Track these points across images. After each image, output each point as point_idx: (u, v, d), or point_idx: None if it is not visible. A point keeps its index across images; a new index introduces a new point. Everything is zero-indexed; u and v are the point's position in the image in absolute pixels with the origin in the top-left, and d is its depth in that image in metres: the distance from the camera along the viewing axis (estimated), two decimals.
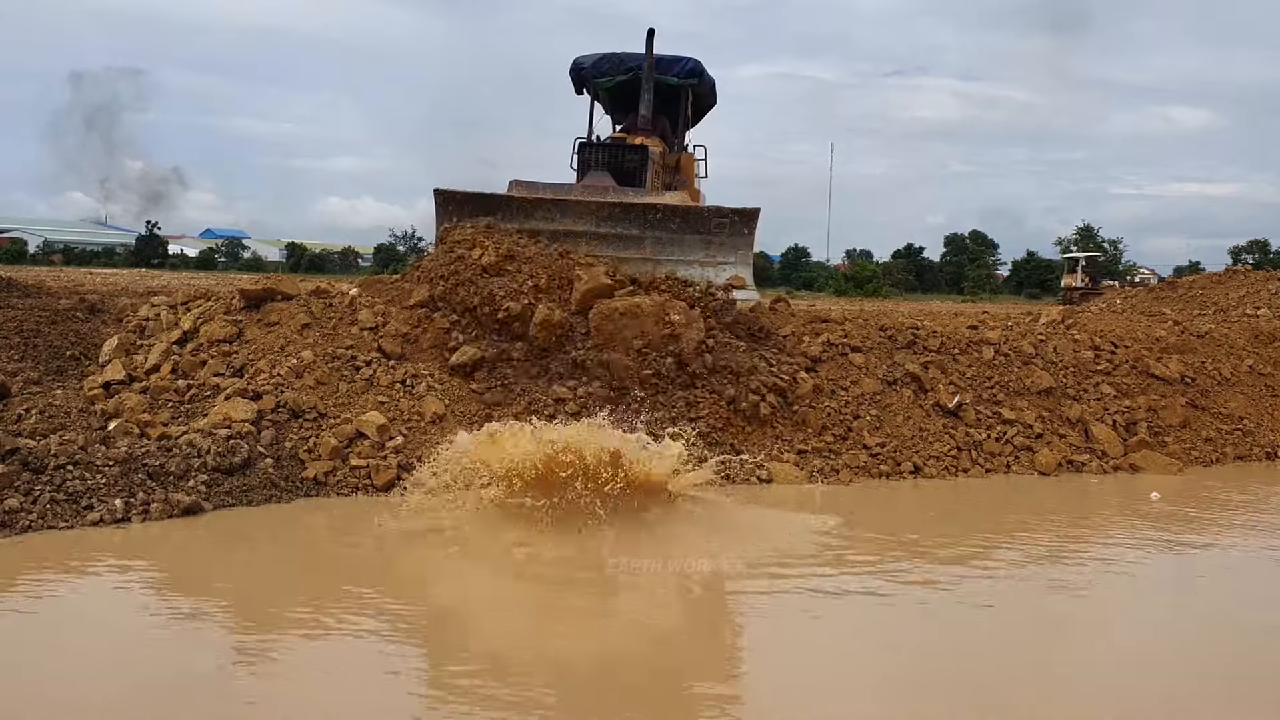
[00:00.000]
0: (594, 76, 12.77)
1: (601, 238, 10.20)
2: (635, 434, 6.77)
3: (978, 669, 4.91)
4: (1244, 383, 11.83)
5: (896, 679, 4.71)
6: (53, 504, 6.57)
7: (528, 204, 10.30)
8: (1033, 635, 5.49)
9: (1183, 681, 4.90)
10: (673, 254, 10.28)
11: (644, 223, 10.35)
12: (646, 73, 11.84)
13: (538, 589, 5.96)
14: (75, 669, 4.49)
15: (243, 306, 9.61)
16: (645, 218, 10.35)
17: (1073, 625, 5.68)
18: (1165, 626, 5.79)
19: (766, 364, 9.24)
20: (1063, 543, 7.42)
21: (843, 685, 4.63)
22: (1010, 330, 11.54)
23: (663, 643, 5.20)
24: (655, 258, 10.12)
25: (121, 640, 4.90)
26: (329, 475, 7.71)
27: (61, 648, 4.72)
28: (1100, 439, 10.16)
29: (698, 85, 13.08)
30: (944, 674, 4.81)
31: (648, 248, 10.29)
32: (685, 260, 10.25)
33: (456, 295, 8.93)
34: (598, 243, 10.11)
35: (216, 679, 4.41)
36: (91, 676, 4.45)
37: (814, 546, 6.74)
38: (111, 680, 4.44)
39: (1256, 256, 64.32)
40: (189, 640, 4.87)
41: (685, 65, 12.55)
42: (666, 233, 10.35)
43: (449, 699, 4.27)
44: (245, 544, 6.59)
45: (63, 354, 10.74)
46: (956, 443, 9.65)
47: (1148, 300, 18.24)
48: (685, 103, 13.06)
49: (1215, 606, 6.12)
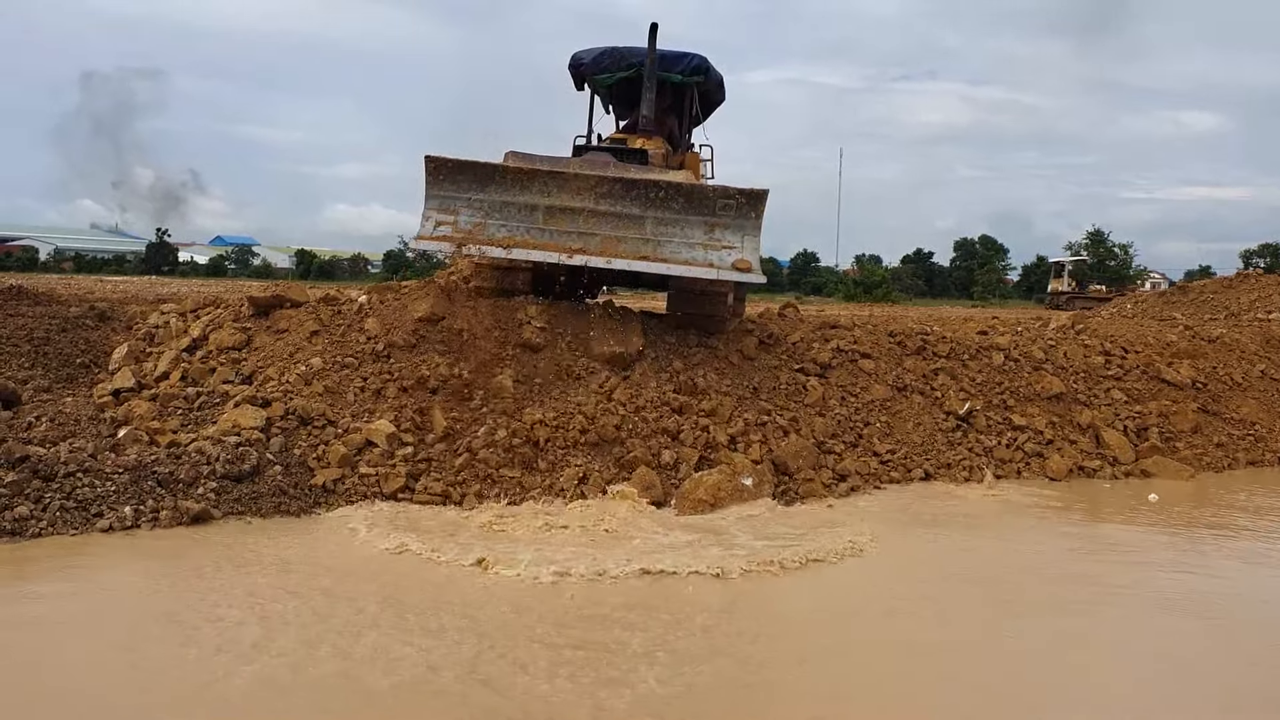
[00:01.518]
0: (594, 73, 12.22)
1: (600, 215, 9.62)
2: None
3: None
4: (1255, 388, 11.77)
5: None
6: (63, 511, 6.58)
7: (523, 175, 9.67)
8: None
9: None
10: (673, 235, 9.64)
11: (645, 201, 9.66)
12: (649, 70, 11.24)
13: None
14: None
15: (252, 314, 9.63)
16: (647, 195, 9.67)
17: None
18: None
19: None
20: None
21: None
22: (1020, 335, 11.51)
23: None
24: (655, 238, 9.60)
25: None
26: (338, 483, 7.70)
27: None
28: (1111, 445, 10.11)
29: (703, 82, 12.52)
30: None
31: (648, 228, 9.66)
32: (688, 242, 9.63)
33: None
34: (596, 220, 9.60)
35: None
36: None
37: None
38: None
39: (1268, 260, 64.00)
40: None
41: (690, 61, 12.09)
42: (669, 212, 9.65)
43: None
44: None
45: (73, 361, 10.76)
46: (968, 449, 9.62)
47: (1158, 305, 18.20)
48: (691, 101, 12.56)
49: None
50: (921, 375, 10.19)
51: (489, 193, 9.56)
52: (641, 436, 8.54)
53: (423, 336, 9.13)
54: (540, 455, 8.25)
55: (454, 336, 9.16)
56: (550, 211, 9.54)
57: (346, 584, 5.87)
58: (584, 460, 8.25)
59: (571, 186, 9.61)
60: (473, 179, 9.61)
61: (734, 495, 8.00)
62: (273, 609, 5.42)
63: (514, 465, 8.12)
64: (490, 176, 9.62)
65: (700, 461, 8.49)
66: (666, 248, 9.54)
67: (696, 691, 4.64)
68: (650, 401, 8.88)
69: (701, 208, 9.66)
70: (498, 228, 9.52)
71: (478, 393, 8.74)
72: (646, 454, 8.39)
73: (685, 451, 8.52)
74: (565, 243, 9.47)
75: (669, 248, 9.54)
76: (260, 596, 5.61)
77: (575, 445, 8.36)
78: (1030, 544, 7.51)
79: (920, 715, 4.59)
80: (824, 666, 5.08)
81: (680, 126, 12.74)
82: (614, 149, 10.94)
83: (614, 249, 9.49)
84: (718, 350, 9.77)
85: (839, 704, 4.65)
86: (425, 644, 5.03)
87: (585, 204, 9.59)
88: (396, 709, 4.39)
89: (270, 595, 5.63)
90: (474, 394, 8.73)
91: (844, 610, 5.93)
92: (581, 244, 9.48)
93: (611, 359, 9.31)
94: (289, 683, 4.55)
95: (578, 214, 9.57)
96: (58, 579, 5.79)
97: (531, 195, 9.57)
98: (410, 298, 9.53)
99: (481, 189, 9.58)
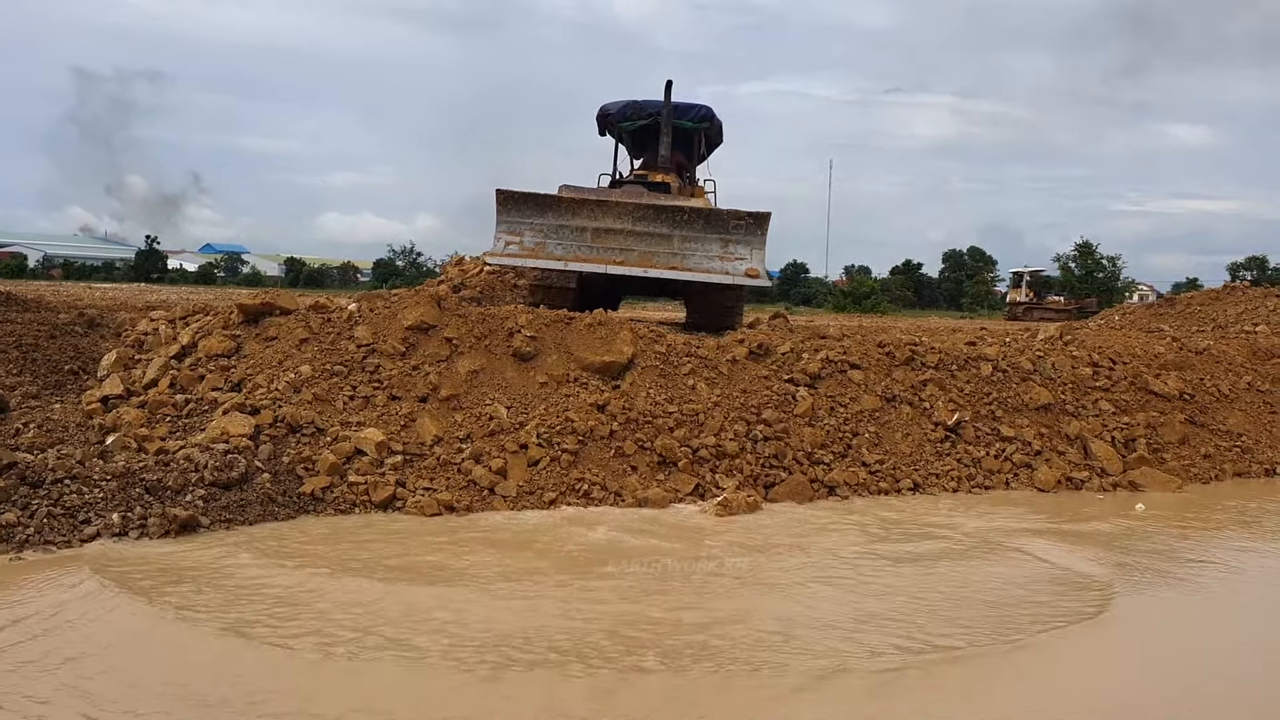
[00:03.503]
0: (619, 121, 14.48)
1: (637, 235, 11.91)
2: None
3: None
4: (1242, 399, 11.82)
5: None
6: (50, 518, 6.54)
7: (575, 203, 11.81)
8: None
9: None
10: (696, 249, 12.00)
11: (672, 223, 11.99)
12: (665, 118, 13.46)
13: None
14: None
15: (241, 321, 9.62)
16: (674, 218, 12.00)
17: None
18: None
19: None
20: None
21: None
22: (1008, 346, 11.55)
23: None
24: (681, 252, 11.95)
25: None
26: (327, 491, 7.69)
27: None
28: (1099, 456, 10.15)
29: (709, 128, 14.81)
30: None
31: (675, 244, 11.97)
32: (707, 255, 11.99)
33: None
34: (634, 239, 11.90)
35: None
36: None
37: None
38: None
39: (1255, 273, 64.41)
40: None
41: (699, 111, 14.34)
42: (691, 231, 11.98)
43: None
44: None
45: (61, 368, 10.74)
46: (956, 460, 9.65)
47: (1146, 317, 18.28)
48: (699, 143, 14.74)
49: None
50: (910, 386, 10.22)
51: (547, 218, 11.80)
52: (632, 446, 8.58)
53: (413, 345, 9.14)
54: (534, 466, 8.27)
55: (444, 345, 9.18)
56: (597, 233, 11.80)
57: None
58: (577, 472, 8.28)
59: (614, 212, 11.88)
60: (534, 207, 11.79)
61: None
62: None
63: (506, 474, 8.12)
64: (548, 205, 11.78)
65: (688, 467, 8.56)
66: (690, 259, 11.92)
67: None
68: (642, 413, 8.90)
69: (717, 227, 11.99)
70: (555, 246, 11.81)
71: (467, 402, 8.76)
72: (642, 464, 8.44)
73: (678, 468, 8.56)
74: (610, 256, 11.83)
75: (692, 259, 11.93)
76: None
77: (565, 455, 8.38)
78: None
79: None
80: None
81: (689, 163, 15.22)
82: (642, 181, 13.31)
83: (649, 261, 11.89)
84: (708, 359, 9.79)
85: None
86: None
87: (625, 225, 11.87)
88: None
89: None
90: (464, 403, 8.75)
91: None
92: (623, 258, 11.86)
93: (602, 368, 9.33)
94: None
95: (619, 234, 11.85)
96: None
97: (581, 219, 11.78)
98: (400, 306, 9.53)
99: (541, 215, 11.82)
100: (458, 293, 10.18)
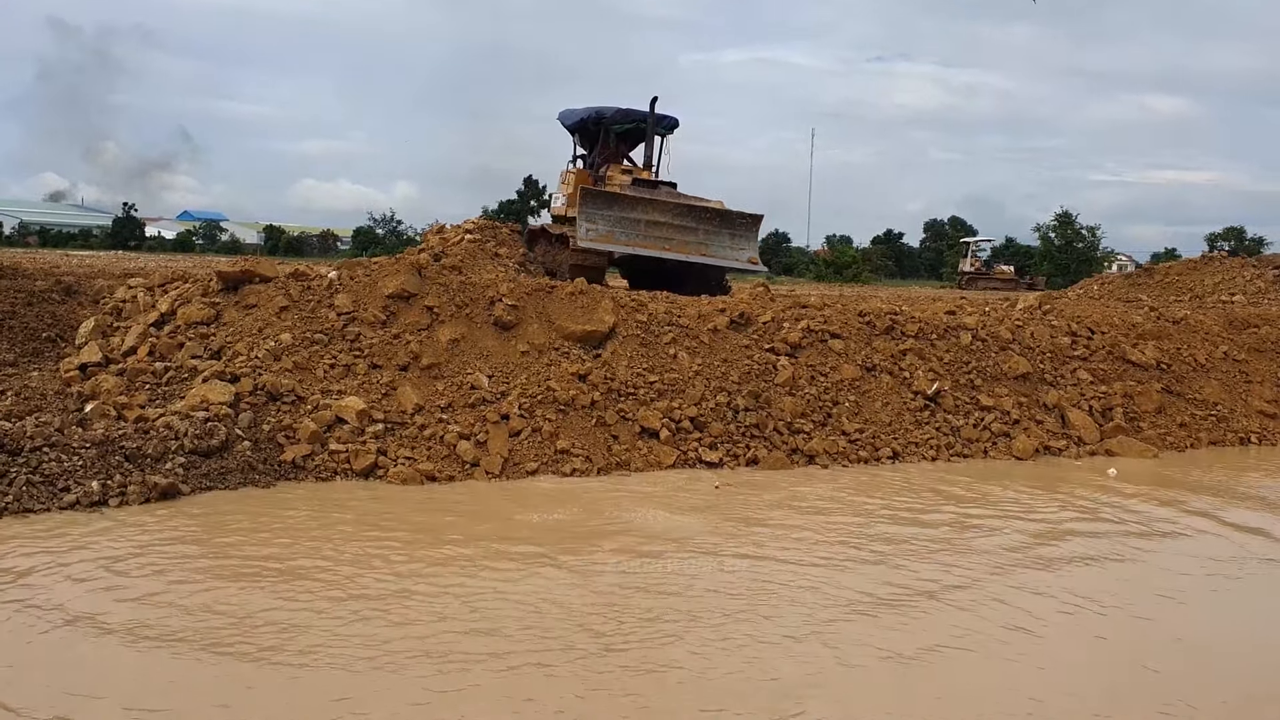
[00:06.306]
0: (612, 124, 17.08)
1: (675, 227, 15.10)
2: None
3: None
4: (1218, 369, 11.94)
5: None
6: (29, 486, 6.52)
7: (633, 200, 14.91)
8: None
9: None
10: (713, 240, 15.37)
11: (699, 218, 15.33)
12: (650, 129, 16.40)
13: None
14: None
15: (220, 289, 9.55)
16: (700, 215, 15.36)
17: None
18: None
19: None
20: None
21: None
22: (987, 316, 11.60)
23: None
24: (704, 242, 15.28)
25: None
26: (307, 459, 7.69)
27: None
28: (1076, 425, 10.24)
29: (674, 134, 17.67)
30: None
31: (700, 235, 15.28)
32: (720, 245, 15.43)
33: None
34: (673, 230, 15.11)
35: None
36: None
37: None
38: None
39: (1232, 243, 64.71)
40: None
41: (670, 122, 16.97)
42: (711, 226, 15.38)
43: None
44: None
45: (39, 336, 10.66)
46: (935, 429, 9.71)
47: (1124, 287, 18.39)
48: (663, 148, 17.34)
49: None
50: (890, 355, 10.26)
51: (614, 211, 14.81)
52: (614, 416, 8.62)
53: (393, 313, 9.11)
54: (514, 435, 8.30)
55: (425, 314, 9.15)
56: (648, 224, 14.96)
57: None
58: (560, 441, 8.32)
59: (660, 209, 15.08)
60: (605, 202, 14.83)
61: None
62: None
63: (487, 445, 8.14)
64: (614, 200, 14.90)
65: (669, 440, 8.63)
66: (710, 248, 15.38)
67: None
68: (624, 383, 8.93)
69: (728, 224, 15.54)
70: (620, 234, 14.82)
71: (448, 370, 8.75)
72: (624, 434, 8.52)
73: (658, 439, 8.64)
74: (659, 244, 15.02)
75: (711, 248, 15.39)
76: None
77: (547, 424, 8.41)
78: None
79: None
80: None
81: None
82: (661, 182, 16.21)
83: (683, 249, 15.21)
84: (689, 329, 9.80)
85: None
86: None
87: (667, 219, 15.09)
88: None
89: None
90: (445, 372, 8.74)
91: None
92: (666, 245, 15.07)
93: (583, 337, 9.33)
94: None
95: (663, 226, 15.06)
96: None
97: (637, 214, 14.86)
98: (381, 274, 9.48)
99: (610, 208, 14.80)
100: (438, 261, 10.03)
